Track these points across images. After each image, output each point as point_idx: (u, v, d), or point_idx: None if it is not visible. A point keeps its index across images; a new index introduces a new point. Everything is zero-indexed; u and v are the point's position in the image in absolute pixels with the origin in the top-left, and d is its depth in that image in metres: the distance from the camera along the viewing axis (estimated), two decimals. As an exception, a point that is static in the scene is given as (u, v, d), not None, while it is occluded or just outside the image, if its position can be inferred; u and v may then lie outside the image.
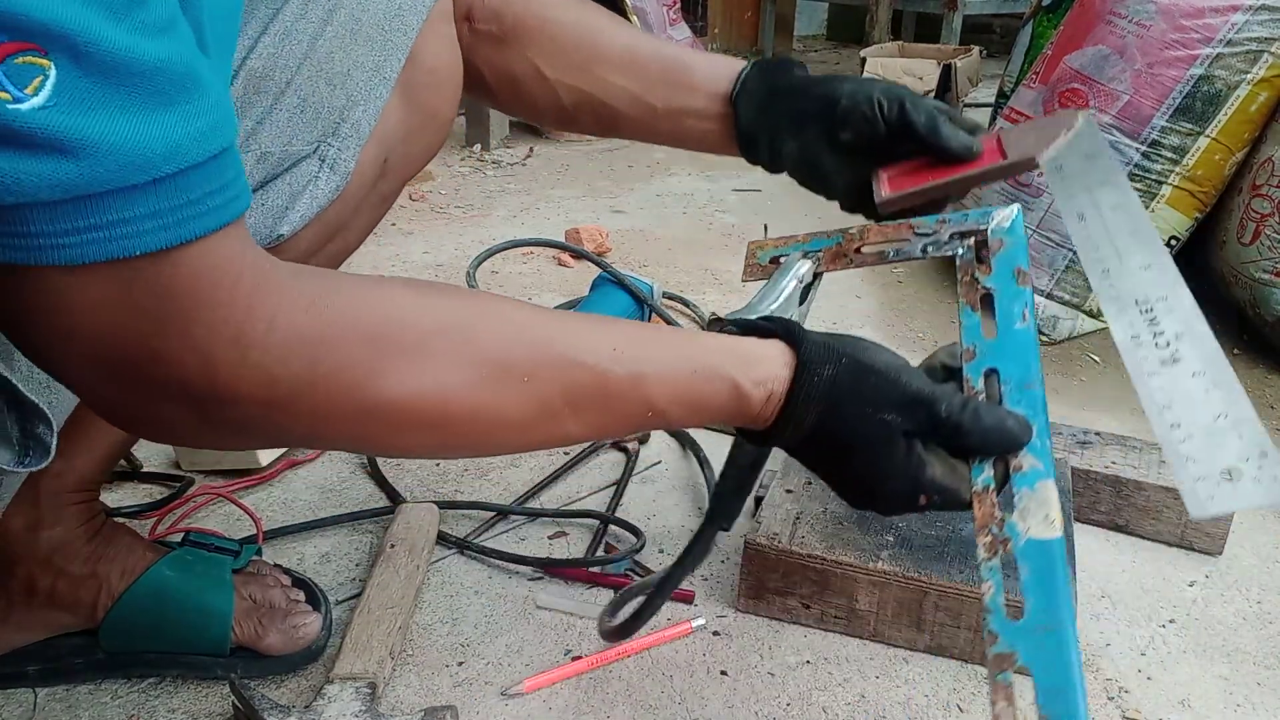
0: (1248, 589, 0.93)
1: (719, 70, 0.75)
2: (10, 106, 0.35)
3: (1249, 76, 1.36)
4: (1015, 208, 0.67)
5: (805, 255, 0.72)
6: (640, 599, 0.73)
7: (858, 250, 0.71)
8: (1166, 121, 1.39)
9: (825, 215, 1.45)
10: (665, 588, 0.69)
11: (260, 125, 0.61)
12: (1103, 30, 1.45)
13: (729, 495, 0.68)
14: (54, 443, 0.45)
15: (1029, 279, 0.63)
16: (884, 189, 0.71)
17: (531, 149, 2.60)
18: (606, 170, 2.44)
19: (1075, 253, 1.42)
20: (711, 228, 1.99)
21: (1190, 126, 1.38)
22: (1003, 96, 2.12)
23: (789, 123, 0.73)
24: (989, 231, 0.66)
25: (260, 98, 0.60)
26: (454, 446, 0.52)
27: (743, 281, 0.76)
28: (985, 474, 0.58)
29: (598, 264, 1.46)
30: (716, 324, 0.62)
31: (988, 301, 0.63)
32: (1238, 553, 0.97)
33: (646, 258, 1.79)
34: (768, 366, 0.57)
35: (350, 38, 0.62)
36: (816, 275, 0.71)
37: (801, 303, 0.70)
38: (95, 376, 0.44)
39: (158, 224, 0.40)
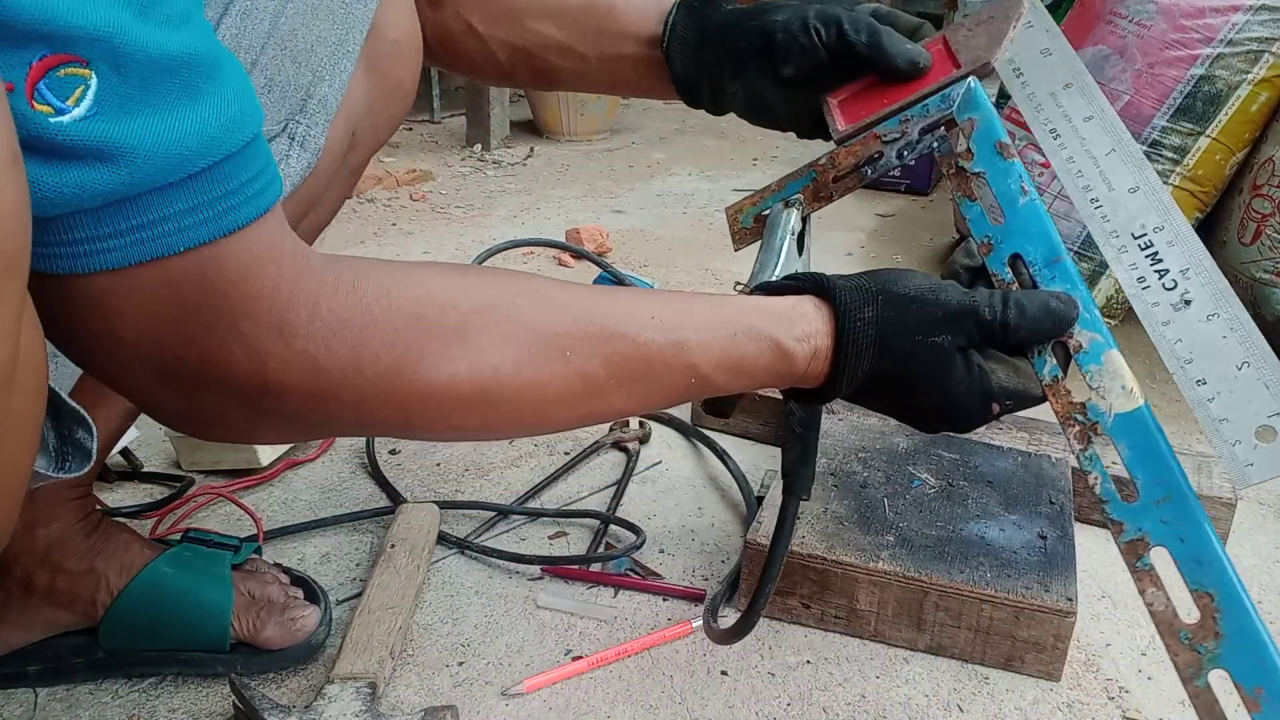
0: (1248, 589, 0.92)
1: (648, 12, 0.73)
2: (53, 120, 0.35)
3: (1249, 76, 1.36)
4: (969, 81, 0.64)
5: (787, 204, 0.70)
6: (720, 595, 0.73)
7: (834, 180, 0.68)
8: (1167, 122, 1.39)
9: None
10: (767, 577, 0.68)
11: None
12: (1103, 30, 1.45)
13: (799, 465, 0.67)
14: (94, 447, 0.44)
15: (1013, 150, 0.61)
16: (839, 122, 0.69)
17: (532, 149, 2.60)
18: (606, 170, 2.44)
19: (1072, 252, 1.42)
20: (711, 228, 1.99)
21: (1191, 126, 1.38)
22: (1003, 96, 2.12)
23: (727, 65, 0.71)
24: (954, 114, 0.64)
25: None
26: (499, 426, 0.52)
27: (735, 250, 0.75)
28: (1049, 364, 0.57)
29: (598, 264, 1.46)
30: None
31: (983, 187, 0.62)
32: (1238, 553, 0.97)
33: (646, 258, 1.79)
34: (806, 322, 0.57)
35: (311, 13, 0.61)
36: (804, 220, 0.70)
37: (800, 254, 0.69)
38: (146, 380, 0.44)
39: (199, 218, 0.40)
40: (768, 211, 0.71)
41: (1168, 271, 0.58)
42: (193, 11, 0.39)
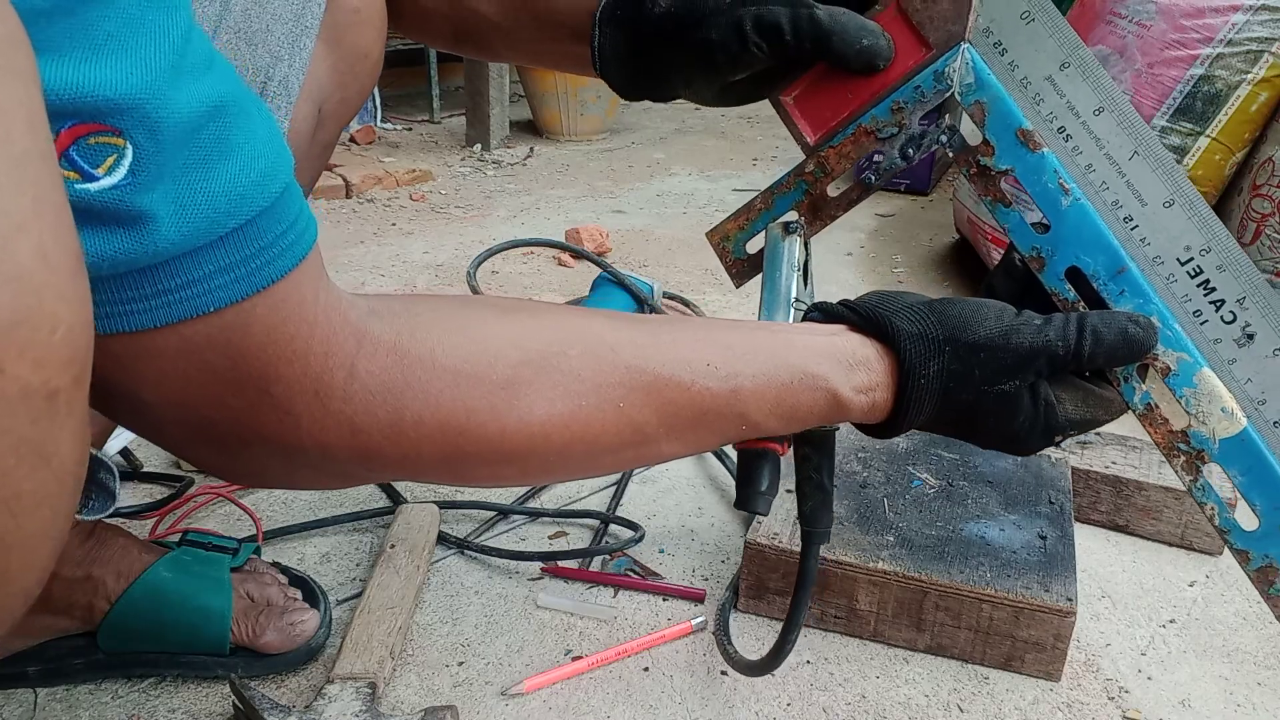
0: (1248, 589, 0.92)
1: (578, 6, 0.69)
2: (79, 186, 0.33)
3: (1249, 76, 1.36)
4: (962, 48, 0.55)
5: (787, 230, 0.62)
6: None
7: (828, 196, 0.60)
8: (1167, 122, 1.39)
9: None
10: (794, 620, 0.67)
11: None
12: (1103, 30, 1.45)
13: (818, 510, 0.64)
14: (117, 488, 0.44)
15: (1039, 138, 0.53)
16: (806, 132, 0.61)
17: (532, 149, 2.60)
18: (606, 170, 2.44)
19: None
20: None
21: (1190, 127, 1.38)
22: None
23: (670, 79, 0.68)
24: (958, 98, 0.55)
25: None
26: (545, 474, 0.51)
27: (736, 288, 0.71)
28: (1138, 390, 0.53)
29: (598, 264, 1.46)
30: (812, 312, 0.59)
31: (1016, 187, 0.54)
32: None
33: (646, 258, 1.79)
34: (868, 373, 0.55)
35: None
36: (806, 247, 0.64)
37: (806, 285, 0.64)
38: (180, 438, 0.43)
39: (227, 279, 0.38)
40: (760, 236, 0.64)
41: (1224, 302, 0.53)
42: (214, 54, 0.37)
